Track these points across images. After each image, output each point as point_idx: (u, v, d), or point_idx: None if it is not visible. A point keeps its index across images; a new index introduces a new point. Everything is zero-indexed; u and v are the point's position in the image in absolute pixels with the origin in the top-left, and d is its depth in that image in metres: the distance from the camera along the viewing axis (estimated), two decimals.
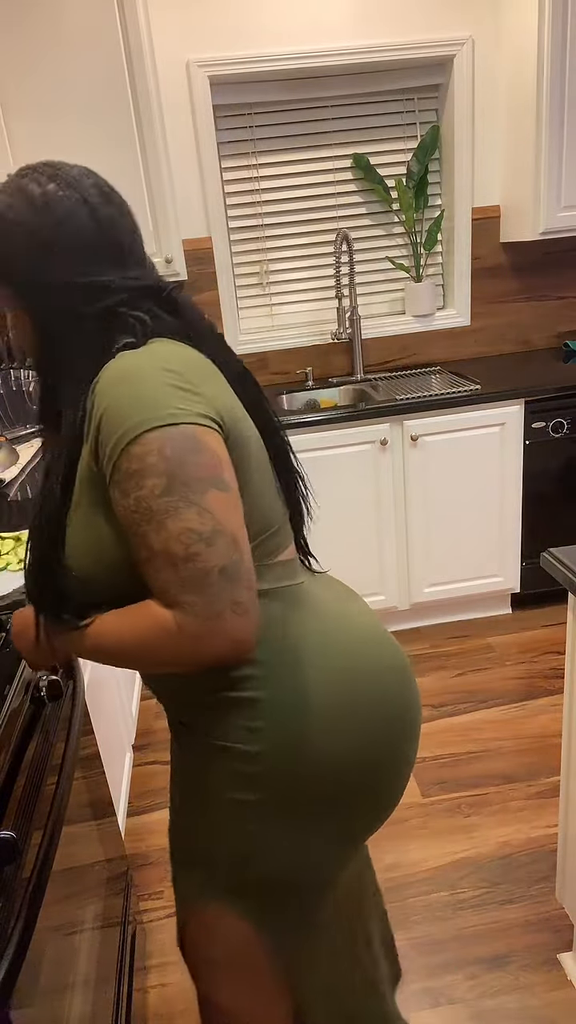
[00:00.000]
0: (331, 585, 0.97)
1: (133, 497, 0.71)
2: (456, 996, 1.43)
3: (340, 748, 0.84)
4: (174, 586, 0.71)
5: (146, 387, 0.72)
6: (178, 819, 0.92)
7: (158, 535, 0.71)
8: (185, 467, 0.71)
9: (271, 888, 0.87)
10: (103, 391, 0.73)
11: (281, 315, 2.85)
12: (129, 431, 0.71)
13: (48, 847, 0.85)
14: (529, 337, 2.98)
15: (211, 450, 0.73)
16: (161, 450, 0.70)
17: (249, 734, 0.82)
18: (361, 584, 2.56)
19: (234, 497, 0.74)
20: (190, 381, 0.75)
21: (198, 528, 0.70)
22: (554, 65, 2.28)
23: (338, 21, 2.47)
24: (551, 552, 1.24)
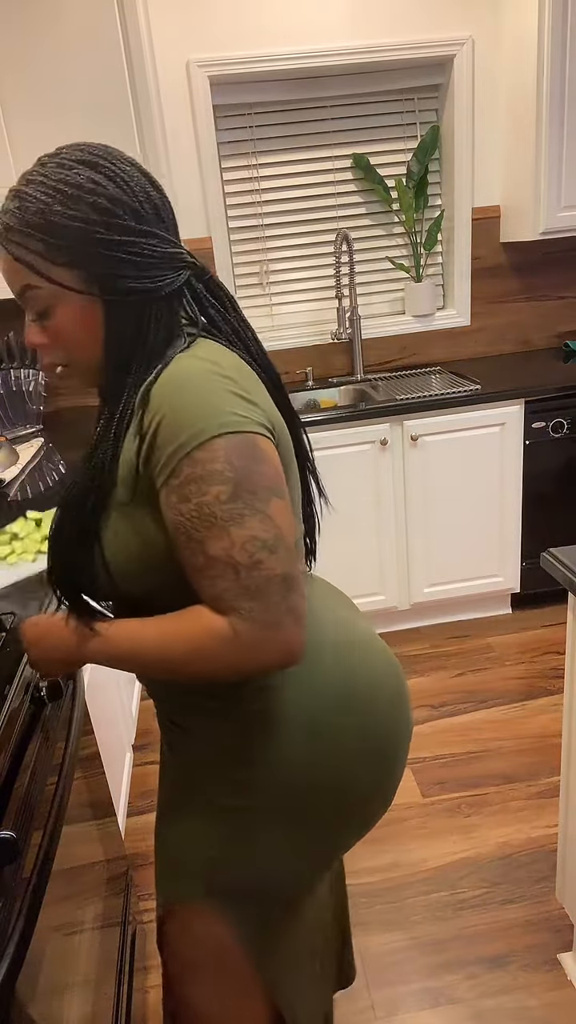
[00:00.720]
0: (325, 590, 0.97)
1: (195, 503, 0.70)
2: (456, 996, 1.43)
3: (341, 761, 0.84)
4: (233, 593, 0.71)
5: (207, 393, 0.72)
6: (164, 818, 0.92)
7: (220, 541, 0.70)
8: (251, 475, 0.71)
9: (252, 892, 0.87)
10: (160, 396, 0.72)
11: (281, 315, 2.85)
12: (195, 436, 0.70)
13: (48, 847, 0.85)
14: (529, 337, 2.98)
15: (272, 459, 0.73)
16: (228, 457, 0.70)
17: (251, 743, 0.82)
18: (361, 584, 2.56)
19: (290, 505, 0.75)
20: (245, 389, 0.75)
21: (262, 536, 0.70)
22: (554, 65, 2.28)
23: (338, 21, 2.47)
24: (551, 552, 1.24)
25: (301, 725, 0.82)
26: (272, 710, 0.82)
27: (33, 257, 0.74)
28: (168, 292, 0.78)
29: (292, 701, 0.82)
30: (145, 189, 0.77)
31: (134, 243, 0.75)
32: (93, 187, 0.74)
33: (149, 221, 0.77)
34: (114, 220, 0.74)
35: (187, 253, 0.81)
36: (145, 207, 0.76)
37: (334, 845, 0.90)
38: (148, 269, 0.76)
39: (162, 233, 0.78)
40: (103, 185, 0.74)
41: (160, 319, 0.77)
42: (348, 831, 0.90)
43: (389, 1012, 1.41)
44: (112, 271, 0.75)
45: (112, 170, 0.75)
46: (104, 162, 0.76)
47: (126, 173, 0.76)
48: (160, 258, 0.77)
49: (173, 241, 0.79)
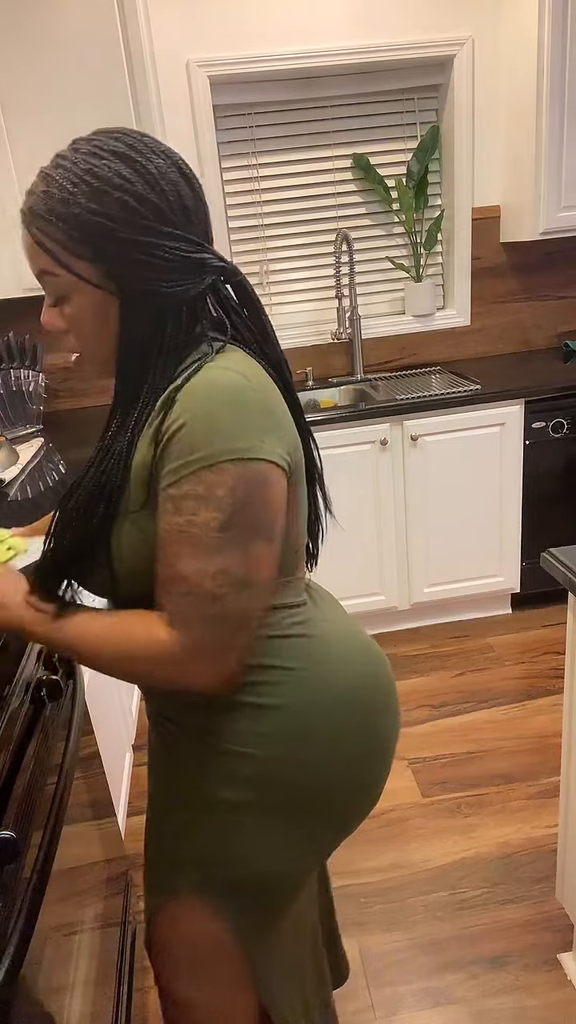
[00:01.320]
0: (324, 596, 0.98)
1: (187, 519, 0.70)
2: (456, 996, 1.43)
3: (334, 758, 0.85)
4: (190, 615, 0.72)
5: (235, 411, 0.71)
6: (155, 813, 0.92)
7: (195, 563, 0.71)
8: (247, 511, 0.71)
9: (243, 887, 0.88)
10: (185, 403, 0.71)
11: (281, 315, 2.85)
12: (210, 455, 0.69)
13: (48, 847, 0.85)
14: (529, 337, 2.98)
15: (274, 497, 0.74)
16: (234, 487, 0.70)
17: (254, 738, 0.82)
18: (361, 584, 2.56)
19: (276, 548, 0.76)
20: (271, 410, 0.74)
21: (236, 572, 0.72)
22: (554, 65, 2.28)
23: (338, 21, 2.47)
24: (551, 552, 1.24)
25: (295, 722, 0.83)
26: (265, 706, 0.82)
27: (53, 245, 0.73)
28: (189, 296, 0.76)
29: (287, 698, 0.83)
30: (177, 188, 0.74)
31: (157, 245, 0.73)
32: (121, 182, 0.71)
33: (176, 223, 0.74)
34: (138, 220, 0.72)
35: (214, 257, 0.78)
36: (174, 207, 0.74)
37: (325, 840, 0.91)
38: (169, 273, 0.74)
39: (189, 236, 0.75)
40: (131, 181, 0.72)
41: (180, 324, 0.76)
42: (338, 828, 0.91)
43: (389, 1012, 1.41)
44: (131, 271, 0.73)
45: (144, 165, 0.73)
46: (137, 156, 0.73)
47: (159, 169, 0.73)
48: (183, 262, 0.74)
49: (200, 244, 0.76)
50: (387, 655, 2.54)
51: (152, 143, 0.75)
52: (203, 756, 0.85)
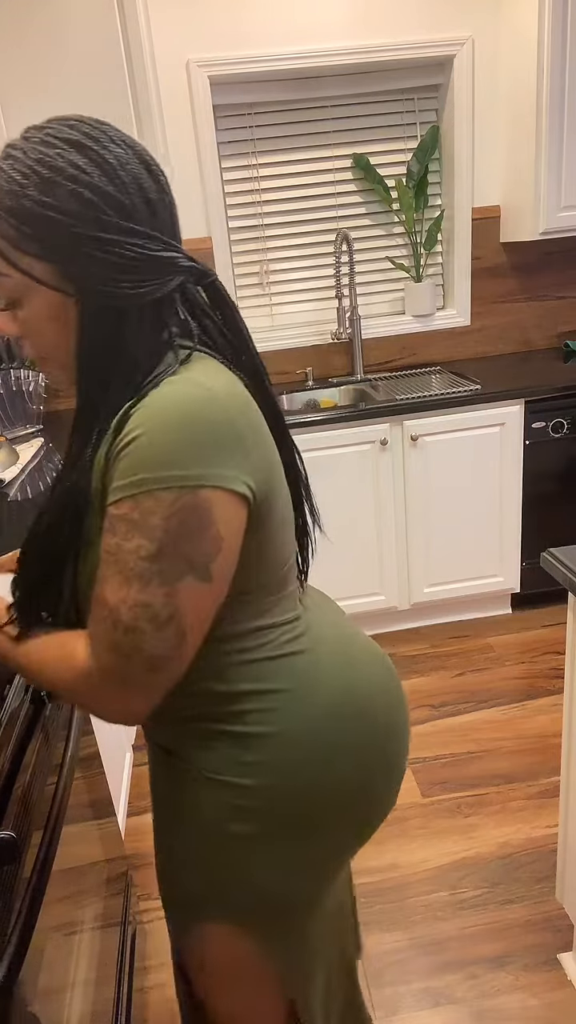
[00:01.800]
0: (320, 604, 0.94)
1: (117, 541, 0.66)
2: (456, 996, 1.43)
3: (340, 777, 0.83)
4: (103, 640, 0.68)
5: (185, 434, 0.65)
6: (162, 842, 0.89)
7: (118, 590, 0.66)
8: (180, 545, 0.65)
9: (262, 909, 0.85)
10: (138, 419, 0.66)
11: (281, 315, 2.85)
12: (148, 480, 0.64)
13: (48, 847, 0.85)
14: (529, 337, 2.98)
15: (215, 531, 0.67)
16: (168, 517, 0.64)
17: (244, 767, 0.79)
18: (361, 584, 2.56)
19: (213, 590, 0.69)
20: (235, 429, 0.68)
21: (156, 608, 0.66)
22: (554, 65, 2.28)
23: (338, 21, 2.47)
24: (551, 552, 1.24)
25: (286, 747, 0.79)
26: (252, 735, 0.79)
27: (1, 241, 0.67)
28: (154, 299, 0.69)
29: (275, 724, 0.79)
30: (139, 180, 0.68)
31: (115, 242, 0.66)
32: (75, 173, 0.65)
33: (137, 218, 0.68)
34: (94, 214, 0.65)
35: (183, 256, 0.72)
36: (136, 201, 0.68)
37: (337, 856, 0.88)
38: (131, 272, 0.67)
39: (152, 232, 0.69)
40: (87, 171, 0.65)
41: (143, 329, 0.70)
42: (349, 842, 0.88)
43: (389, 1012, 1.41)
44: (87, 270, 0.67)
45: (101, 155, 0.66)
46: (93, 144, 0.67)
47: (119, 159, 0.67)
48: (146, 261, 0.68)
49: (166, 242, 0.70)
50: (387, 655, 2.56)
51: (112, 132, 0.69)
52: (196, 787, 0.81)
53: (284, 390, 2.78)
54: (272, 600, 0.81)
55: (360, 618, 2.66)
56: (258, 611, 0.80)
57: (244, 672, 0.79)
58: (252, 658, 0.79)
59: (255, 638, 0.80)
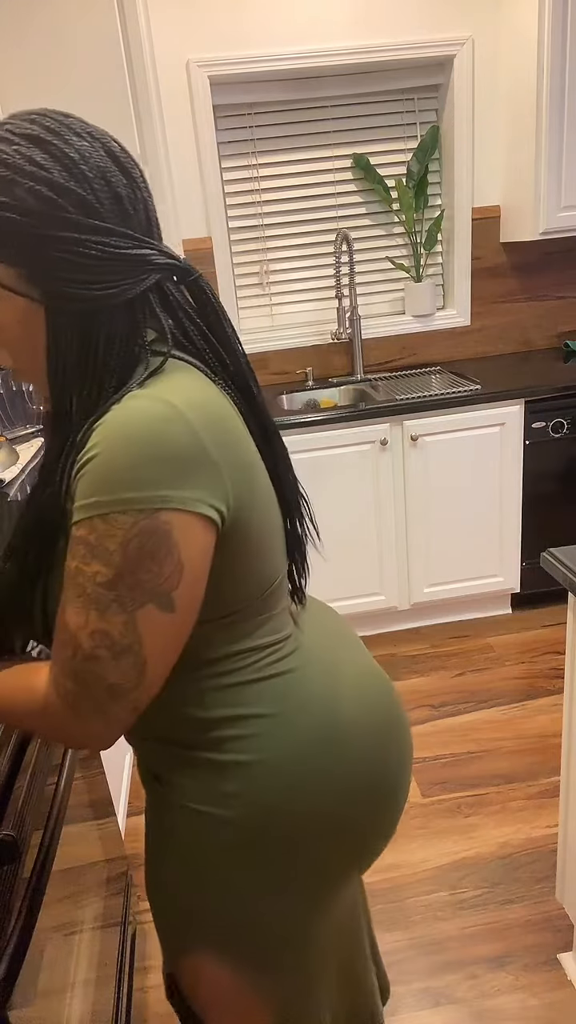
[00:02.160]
0: (320, 621, 0.90)
1: (76, 565, 0.63)
2: (456, 996, 1.43)
3: (322, 814, 0.78)
4: (62, 666, 0.65)
5: (143, 454, 0.61)
6: (148, 866, 0.86)
7: (77, 615, 0.63)
8: (138, 571, 0.62)
9: (243, 941, 0.82)
10: (97, 436, 0.62)
11: (281, 315, 2.85)
12: (104, 503, 0.61)
13: (48, 847, 0.85)
14: (529, 337, 2.98)
15: (178, 557, 0.63)
16: (126, 541, 0.61)
17: (222, 798, 0.76)
18: (361, 584, 2.56)
19: (176, 619, 0.66)
20: (202, 447, 0.64)
21: (115, 636, 0.63)
22: (554, 65, 2.28)
23: (338, 21, 2.47)
24: (551, 552, 1.24)
25: (277, 773, 0.76)
26: (230, 763, 0.76)
27: None
28: (126, 300, 0.66)
29: (257, 753, 0.76)
30: (105, 174, 0.64)
31: (80, 241, 0.63)
32: (33, 170, 0.61)
33: (104, 215, 0.64)
34: (56, 212, 0.62)
35: (158, 253, 0.67)
36: (102, 197, 0.64)
37: (326, 889, 0.84)
38: (99, 273, 0.64)
39: (121, 229, 0.65)
40: (46, 168, 0.62)
41: (115, 334, 0.66)
42: (336, 876, 0.84)
43: (389, 1012, 1.41)
44: (52, 273, 0.63)
45: (61, 149, 0.63)
46: (54, 139, 0.63)
47: (81, 153, 0.63)
48: (116, 260, 0.64)
49: (139, 239, 0.66)
50: (387, 655, 2.57)
51: (77, 124, 0.65)
52: (181, 818, 0.79)
53: (284, 390, 2.78)
54: (257, 621, 0.77)
55: (360, 618, 2.67)
56: (240, 633, 0.76)
57: (223, 697, 0.76)
58: (232, 682, 0.76)
59: (236, 661, 0.76)
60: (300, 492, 0.84)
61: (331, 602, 2.57)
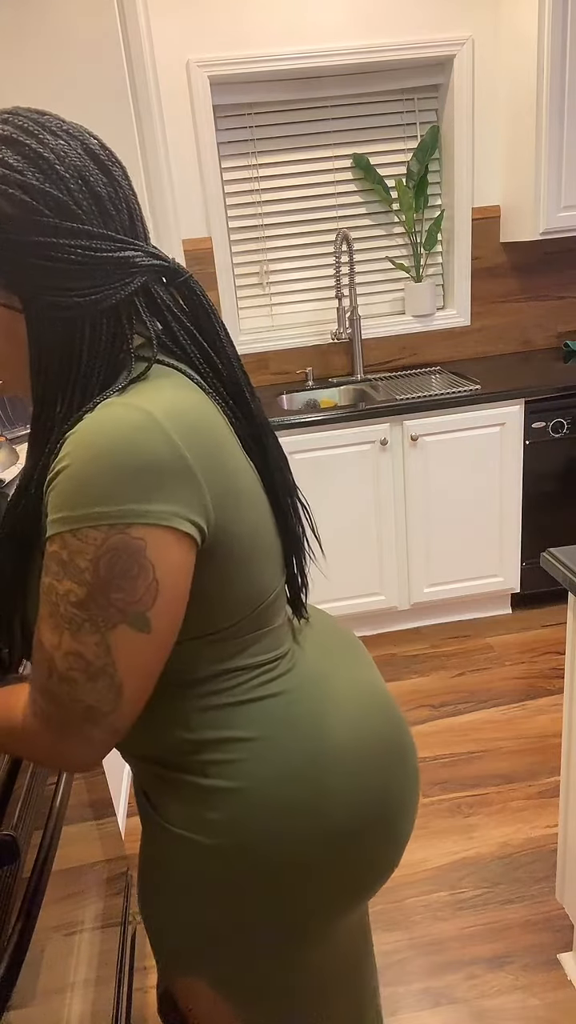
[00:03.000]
0: (323, 638, 0.86)
1: (49, 582, 0.61)
2: (456, 996, 1.43)
3: (309, 848, 0.74)
4: (38, 685, 0.63)
5: (117, 465, 0.58)
6: (140, 887, 0.83)
7: (51, 635, 0.61)
8: (110, 590, 0.59)
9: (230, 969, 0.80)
10: (69, 447, 0.59)
11: (281, 315, 2.85)
12: (73, 519, 0.58)
13: (48, 847, 0.85)
14: (529, 337, 2.98)
15: (149, 575, 0.60)
16: (97, 558, 0.58)
17: (205, 825, 0.73)
18: (361, 584, 2.56)
19: (153, 640, 0.62)
20: (179, 456, 0.60)
21: (88, 658, 0.60)
22: (554, 65, 2.28)
23: (338, 21, 2.47)
24: (551, 552, 1.24)
25: (261, 802, 0.73)
26: (214, 789, 0.73)
27: None
28: (110, 305, 0.63)
29: (252, 774, 0.73)
30: (83, 174, 0.61)
31: (57, 245, 0.60)
32: (6, 172, 0.59)
33: (83, 217, 0.61)
34: (31, 216, 0.59)
35: (143, 254, 0.65)
36: (79, 198, 0.61)
37: (316, 921, 0.79)
38: (79, 278, 0.61)
39: (102, 231, 0.62)
40: (19, 170, 0.59)
41: (99, 340, 0.63)
42: (326, 910, 0.79)
43: (389, 1012, 1.41)
44: (29, 280, 0.61)
45: (35, 149, 0.60)
46: (27, 139, 0.60)
47: (57, 153, 0.61)
48: (97, 264, 0.61)
49: (122, 240, 0.63)
50: (387, 655, 2.57)
51: (53, 122, 0.63)
52: (165, 840, 0.77)
53: (284, 390, 2.78)
54: (248, 639, 0.74)
55: (360, 618, 2.67)
56: (230, 651, 0.73)
57: (209, 719, 0.73)
58: (219, 703, 0.73)
59: (224, 681, 0.73)
60: (300, 501, 0.80)
61: (331, 602, 2.57)
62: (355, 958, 0.97)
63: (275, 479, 0.76)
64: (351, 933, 0.93)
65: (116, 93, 2.11)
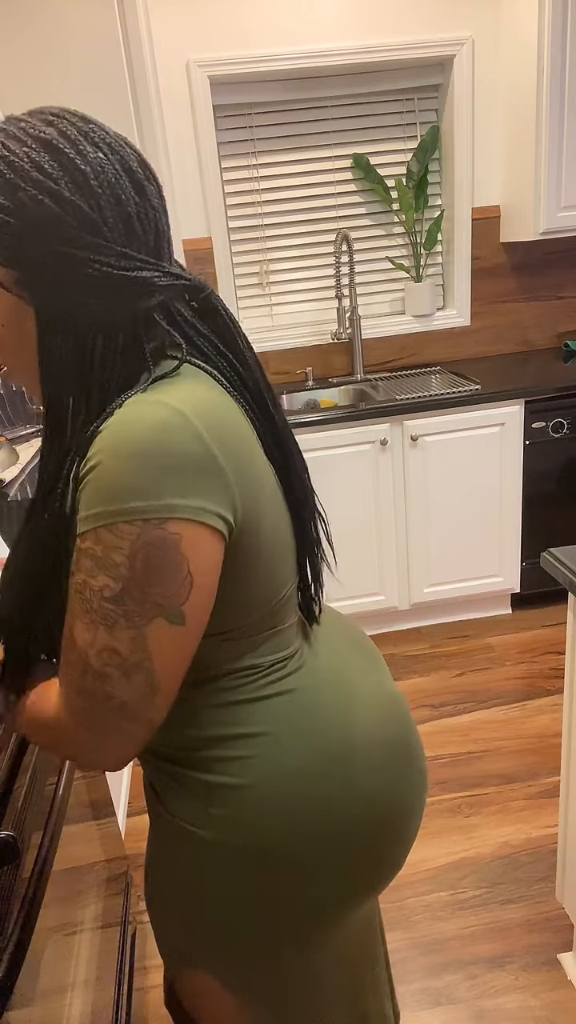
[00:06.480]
0: (334, 638, 0.86)
1: (83, 579, 0.61)
2: (456, 996, 1.43)
3: (314, 847, 0.75)
4: (71, 683, 0.64)
5: (147, 460, 0.58)
6: (147, 881, 0.84)
7: (85, 632, 0.62)
8: (146, 585, 0.60)
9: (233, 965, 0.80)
10: (100, 442, 0.60)
11: (281, 315, 2.85)
12: (108, 513, 0.59)
13: (48, 847, 0.85)
14: (529, 337, 2.98)
15: (184, 569, 0.61)
16: (132, 554, 0.59)
17: (210, 820, 0.74)
18: (361, 584, 2.56)
19: (186, 632, 0.63)
20: (209, 454, 0.61)
21: (124, 654, 0.61)
22: (554, 65, 2.28)
23: (338, 21, 2.47)
24: (551, 552, 1.24)
25: (267, 801, 0.73)
26: (220, 785, 0.73)
27: None
28: (124, 321, 0.64)
29: (257, 771, 0.73)
30: (116, 191, 0.61)
31: (77, 259, 0.60)
32: (39, 178, 0.58)
33: (108, 235, 0.61)
34: (56, 225, 0.59)
35: (163, 275, 0.65)
36: (107, 215, 0.61)
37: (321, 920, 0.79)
38: (94, 292, 0.61)
39: (123, 250, 0.62)
40: (53, 178, 0.59)
41: (112, 347, 0.64)
42: (330, 909, 0.79)
43: None
44: (45, 284, 0.61)
45: (73, 160, 0.59)
46: (67, 146, 0.60)
47: (93, 166, 0.60)
48: (115, 282, 0.62)
49: (143, 261, 0.63)
50: (387, 655, 2.57)
51: (96, 133, 0.62)
52: (170, 834, 0.77)
53: (284, 390, 2.78)
54: (261, 637, 0.74)
55: (360, 618, 2.67)
56: (243, 649, 0.74)
57: (219, 715, 0.74)
58: (230, 700, 0.74)
59: (236, 679, 0.74)
60: (317, 510, 0.81)
61: (330, 602, 2.57)
62: (360, 954, 0.97)
63: (295, 484, 0.76)
64: (356, 930, 0.94)
65: (116, 93, 2.11)
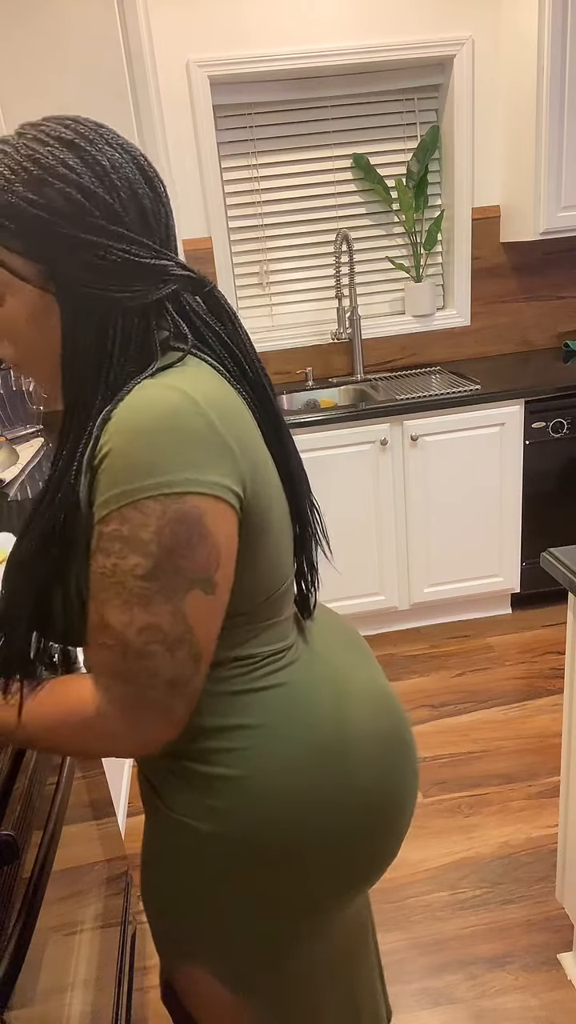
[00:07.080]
0: (328, 632, 0.88)
1: (113, 562, 0.62)
2: (456, 996, 1.43)
3: (310, 837, 0.76)
4: (111, 669, 0.64)
5: (163, 439, 0.61)
6: (143, 876, 0.84)
7: (121, 614, 0.62)
8: (177, 557, 0.62)
9: (229, 959, 0.81)
10: (112, 428, 0.62)
11: (281, 315, 2.85)
12: (131, 491, 0.61)
13: (48, 847, 0.85)
14: (529, 337, 2.98)
15: (212, 540, 0.63)
16: (159, 529, 0.61)
17: (208, 812, 0.74)
18: (361, 584, 2.56)
19: (217, 602, 0.66)
20: (218, 434, 0.64)
21: (165, 629, 0.62)
22: (554, 65, 2.28)
23: (338, 21, 2.47)
24: (551, 552, 1.24)
25: (264, 791, 0.74)
26: (217, 776, 0.74)
27: None
28: (142, 305, 0.67)
29: (255, 762, 0.74)
30: (132, 186, 0.66)
31: (103, 246, 0.64)
32: (65, 172, 0.63)
33: (127, 224, 0.66)
34: (82, 216, 0.63)
35: (176, 265, 0.69)
36: (127, 207, 0.66)
37: (315, 913, 0.81)
38: (117, 277, 0.65)
39: (143, 239, 0.67)
40: (78, 172, 0.63)
41: (130, 333, 0.67)
42: (326, 900, 0.80)
43: None
44: (72, 272, 0.65)
45: (94, 156, 0.64)
46: (87, 146, 0.65)
47: (112, 162, 0.65)
48: (135, 268, 0.66)
49: (158, 250, 0.68)
50: (387, 655, 2.57)
51: (110, 135, 0.67)
52: (167, 828, 0.77)
53: (284, 390, 2.78)
54: (258, 627, 0.76)
55: (360, 618, 2.67)
56: (240, 639, 0.74)
57: (214, 706, 0.74)
58: (225, 690, 0.74)
59: (232, 669, 0.75)
60: (312, 502, 0.83)
61: (330, 602, 2.57)
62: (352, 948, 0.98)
63: (293, 476, 0.79)
64: (348, 924, 0.94)
65: (116, 93, 2.11)
